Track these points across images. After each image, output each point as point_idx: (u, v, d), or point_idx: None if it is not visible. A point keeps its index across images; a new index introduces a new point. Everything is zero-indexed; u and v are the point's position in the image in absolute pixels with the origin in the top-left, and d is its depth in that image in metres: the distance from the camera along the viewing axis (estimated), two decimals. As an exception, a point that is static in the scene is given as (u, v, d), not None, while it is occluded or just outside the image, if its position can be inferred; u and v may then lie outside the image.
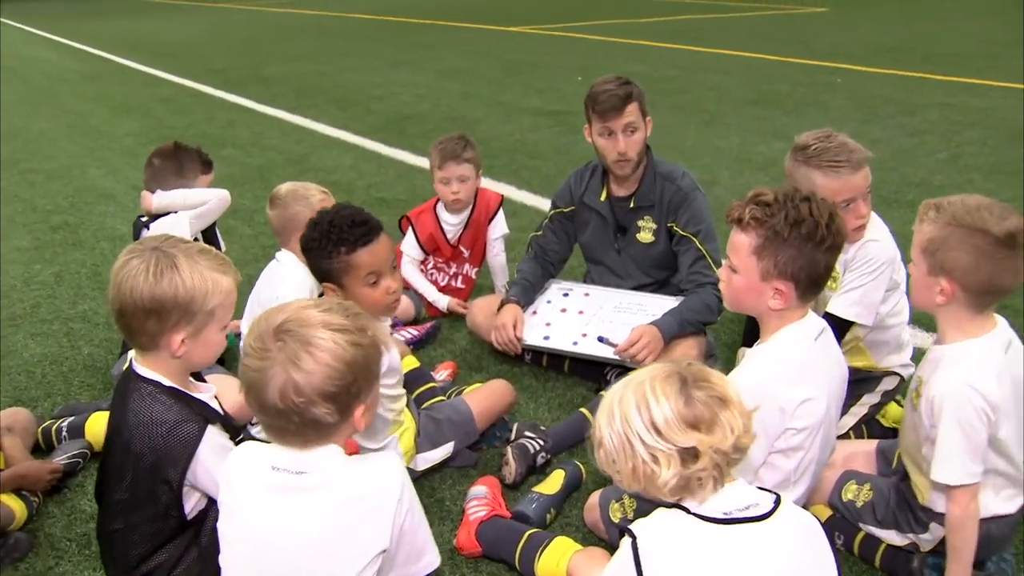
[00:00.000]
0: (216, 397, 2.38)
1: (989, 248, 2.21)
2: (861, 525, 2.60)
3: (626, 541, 1.78)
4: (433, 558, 2.00)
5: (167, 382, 2.23)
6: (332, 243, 2.69)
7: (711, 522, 1.76)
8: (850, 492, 2.64)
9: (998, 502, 2.36)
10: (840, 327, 2.96)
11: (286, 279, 3.40)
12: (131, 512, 2.23)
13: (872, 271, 2.96)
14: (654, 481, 1.77)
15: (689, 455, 1.74)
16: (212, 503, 2.29)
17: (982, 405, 2.22)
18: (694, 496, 1.78)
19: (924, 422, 2.33)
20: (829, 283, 2.98)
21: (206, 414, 2.24)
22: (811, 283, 2.31)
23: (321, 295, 3.75)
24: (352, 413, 1.87)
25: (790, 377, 2.30)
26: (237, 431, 2.36)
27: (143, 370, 2.24)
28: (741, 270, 2.35)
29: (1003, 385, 2.27)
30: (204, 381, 2.44)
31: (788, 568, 1.77)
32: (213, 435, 2.22)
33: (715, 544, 1.75)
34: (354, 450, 2.69)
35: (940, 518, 2.40)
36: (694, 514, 1.77)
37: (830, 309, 3.01)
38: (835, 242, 2.30)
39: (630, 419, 1.77)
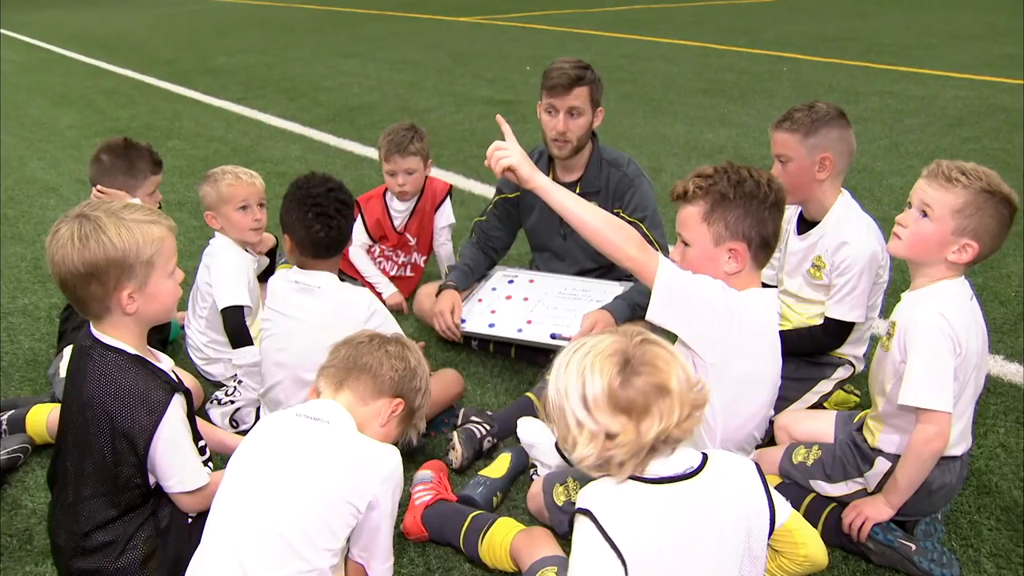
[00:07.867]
0: (174, 370, 2.37)
1: (1010, 217, 2.36)
2: (811, 483, 2.67)
3: (583, 521, 1.81)
4: (391, 566, 2.27)
5: (131, 350, 2.22)
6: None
7: (649, 483, 1.83)
8: (799, 455, 2.73)
9: None
10: (844, 331, 3.06)
11: (221, 267, 3.43)
12: (90, 483, 2.21)
13: (859, 273, 3.00)
14: (575, 451, 1.82)
15: (610, 438, 1.78)
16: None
17: (950, 332, 2.33)
18: (611, 474, 1.83)
19: (895, 358, 2.43)
20: (813, 271, 3.07)
21: (171, 384, 2.24)
22: (762, 243, 2.38)
23: (272, 271, 3.75)
24: None
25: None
26: (193, 405, 2.36)
27: (104, 337, 2.22)
28: (693, 241, 2.41)
29: (968, 329, 2.38)
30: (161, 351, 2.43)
31: (719, 518, 1.86)
32: (177, 408, 2.22)
33: (657, 501, 1.82)
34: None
35: (886, 455, 2.52)
36: (632, 477, 1.83)
37: (833, 315, 3.05)
38: (777, 198, 2.38)
39: (568, 388, 1.82)
